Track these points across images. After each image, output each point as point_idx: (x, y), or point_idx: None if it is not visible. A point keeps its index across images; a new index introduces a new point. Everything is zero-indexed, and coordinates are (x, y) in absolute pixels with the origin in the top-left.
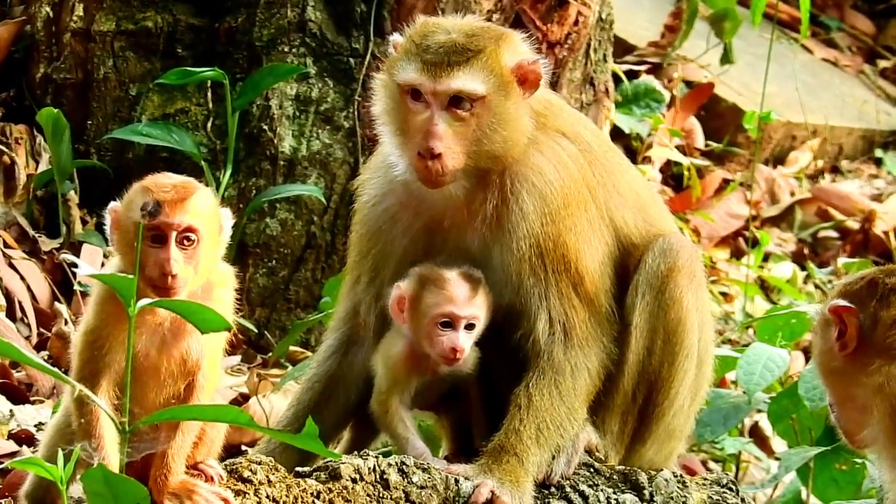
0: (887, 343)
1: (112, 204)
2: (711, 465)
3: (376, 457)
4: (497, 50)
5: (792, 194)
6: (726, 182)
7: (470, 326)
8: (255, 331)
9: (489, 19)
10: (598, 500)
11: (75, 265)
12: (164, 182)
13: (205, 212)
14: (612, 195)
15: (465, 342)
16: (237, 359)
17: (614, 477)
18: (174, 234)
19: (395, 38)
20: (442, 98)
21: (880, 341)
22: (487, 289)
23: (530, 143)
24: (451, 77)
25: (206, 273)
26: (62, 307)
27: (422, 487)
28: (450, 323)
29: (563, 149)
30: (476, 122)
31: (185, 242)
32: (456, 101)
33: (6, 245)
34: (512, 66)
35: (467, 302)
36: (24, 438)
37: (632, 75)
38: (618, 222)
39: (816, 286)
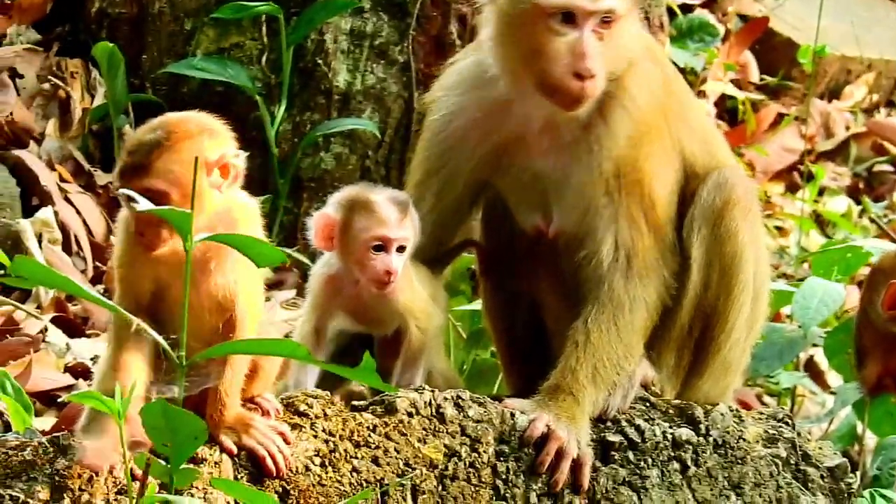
0: None
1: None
2: (766, 399)
3: (432, 391)
4: None
5: (847, 128)
6: (781, 116)
7: (401, 249)
8: (310, 264)
9: None
10: (654, 435)
11: (133, 199)
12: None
13: None
14: (684, 126)
15: (397, 264)
16: (292, 293)
17: (670, 411)
18: None
19: None
20: (594, 18)
21: None
22: (414, 211)
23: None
24: None
25: None
26: None
27: (478, 421)
28: (382, 246)
29: (650, 73)
30: (611, 43)
31: None
32: (601, 22)
33: (62, 179)
34: None
35: (398, 224)
36: (80, 372)
37: (686, 9)
38: (686, 153)
39: (871, 220)
